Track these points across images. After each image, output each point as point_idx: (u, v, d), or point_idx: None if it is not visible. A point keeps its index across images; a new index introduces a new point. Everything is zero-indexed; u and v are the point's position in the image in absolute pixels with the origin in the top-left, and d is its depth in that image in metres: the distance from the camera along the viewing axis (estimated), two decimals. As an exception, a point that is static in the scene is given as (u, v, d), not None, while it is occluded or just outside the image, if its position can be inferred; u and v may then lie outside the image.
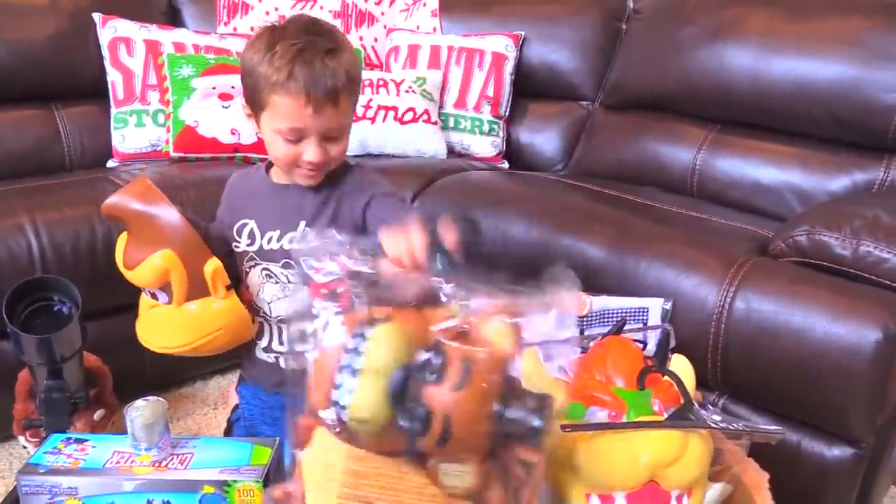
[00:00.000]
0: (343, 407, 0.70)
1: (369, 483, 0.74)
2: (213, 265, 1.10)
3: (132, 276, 1.11)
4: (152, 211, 1.10)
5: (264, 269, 1.17)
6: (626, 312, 1.18)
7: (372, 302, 0.76)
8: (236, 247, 1.18)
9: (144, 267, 1.09)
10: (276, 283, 1.17)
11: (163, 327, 1.14)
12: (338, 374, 0.70)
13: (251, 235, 1.17)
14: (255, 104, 1.09)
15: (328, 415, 0.72)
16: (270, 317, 1.19)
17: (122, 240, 1.14)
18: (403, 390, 0.70)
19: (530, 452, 0.76)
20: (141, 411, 1.01)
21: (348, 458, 0.74)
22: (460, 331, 0.75)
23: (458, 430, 0.70)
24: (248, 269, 1.18)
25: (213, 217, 1.25)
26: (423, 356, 0.71)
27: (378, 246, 0.94)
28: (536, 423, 0.72)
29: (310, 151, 1.07)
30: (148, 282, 1.11)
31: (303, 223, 1.14)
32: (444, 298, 0.81)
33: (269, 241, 1.16)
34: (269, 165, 1.20)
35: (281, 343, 1.20)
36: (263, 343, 1.21)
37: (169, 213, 1.09)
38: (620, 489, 0.85)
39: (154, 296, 1.13)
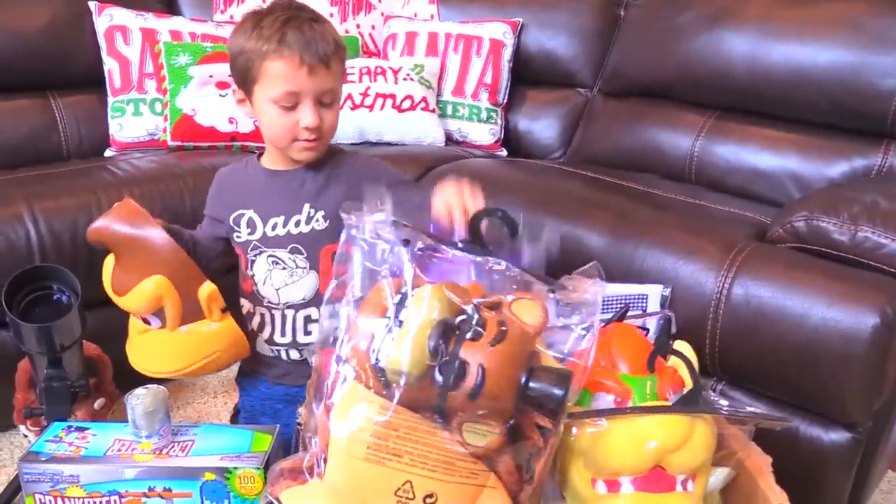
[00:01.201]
0: (381, 357, 0.74)
1: (398, 435, 0.76)
2: (207, 289, 1.08)
3: (123, 302, 1.09)
4: (141, 234, 1.07)
5: (270, 255, 1.16)
6: (625, 299, 1.18)
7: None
8: (237, 238, 1.18)
9: (136, 293, 1.06)
10: (284, 268, 1.16)
11: (157, 352, 1.12)
12: (378, 327, 0.75)
13: (251, 224, 1.16)
14: (248, 80, 1.10)
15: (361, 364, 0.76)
16: (279, 304, 1.18)
17: (108, 263, 1.11)
18: (442, 344, 0.74)
19: (548, 421, 0.81)
20: (141, 399, 1.02)
21: (380, 409, 0.76)
22: (493, 303, 0.80)
23: (491, 384, 0.75)
24: (253, 259, 1.17)
25: (199, 221, 1.25)
26: (462, 316, 0.76)
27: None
28: (557, 391, 0.77)
29: (307, 115, 1.08)
30: (140, 308, 1.09)
31: (307, 205, 1.15)
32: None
33: (274, 227, 1.16)
34: (260, 156, 1.21)
35: (283, 334, 1.19)
36: (265, 335, 1.20)
37: (158, 236, 1.07)
38: (626, 474, 0.86)
39: (146, 320, 1.11)
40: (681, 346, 0.99)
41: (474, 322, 0.76)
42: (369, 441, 0.75)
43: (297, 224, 1.15)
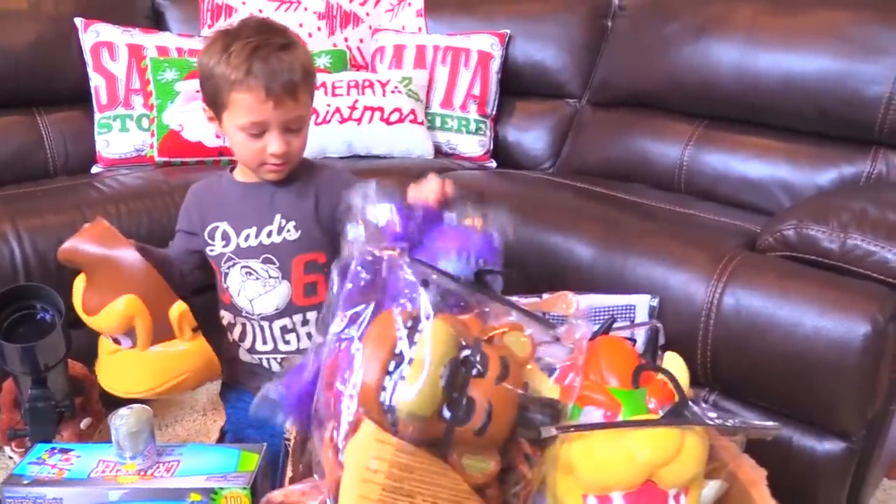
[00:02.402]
0: (393, 397, 0.73)
1: (413, 477, 0.75)
2: (178, 309, 1.08)
3: (94, 322, 1.08)
4: (112, 254, 1.06)
5: (244, 267, 1.17)
6: (613, 310, 1.17)
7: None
8: (211, 251, 1.19)
9: (106, 313, 1.06)
10: (257, 279, 1.17)
11: (127, 372, 1.11)
12: (391, 366, 0.74)
13: (225, 237, 1.17)
14: (217, 105, 1.12)
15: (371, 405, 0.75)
16: (253, 315, 1.18)
17: (78, 284, 1.10)
18: (452, 383, 0.74)
19: (534, 450, 0.82)
20: (125, 419, 1.00)
21: (398, 451, 0.75)
22: (488, 337, 0.82)
23: (497, 419, 0.76)
24: (226, 271, 1.18)
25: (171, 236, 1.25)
26: (465, 352, 0.77)
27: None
28: (550, 424, 0.80)
29: (273, 143, 1.11)
30: (111, 328, 1.08)
31: (278, 216, 1.16)
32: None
33: (247, 238, 1.17)
34: (232, 169, 1.23)
35: (265, 342, 1.20)
36: (247, 344, 1.21)
37: (129, 256, 1.06)
38: (617, 489, 0.84)
39: (116, 340, 1.11)
40: (671, 357, 0.98)
41: (477, 359, 0.77)
42: (385, 483, 0.74)
43: (269, 235, 1.16)
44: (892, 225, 1.18)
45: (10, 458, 1.33)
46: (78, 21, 1.92)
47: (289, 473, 0.92)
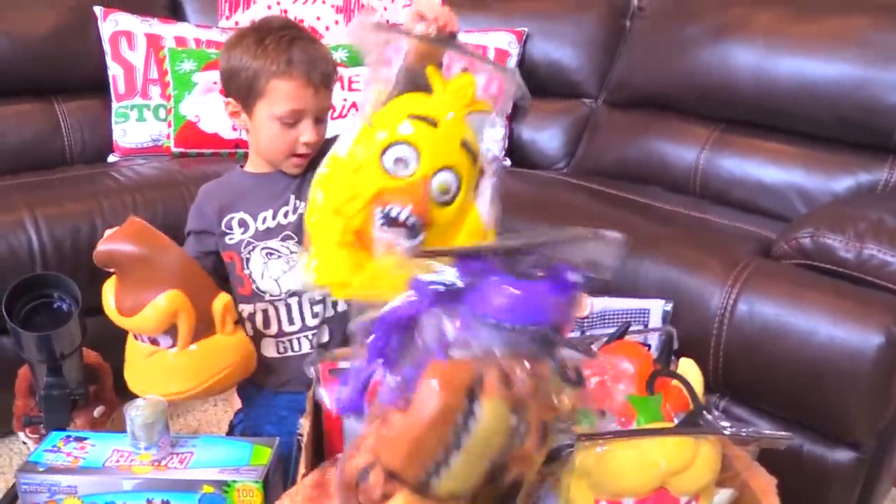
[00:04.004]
0: (437, 478, 0.68)
1: None
2: (222, 300, 1.07)
3: (132, 323, 1.06)
4: (151, 250, 1.05)
5: (264, 248, 1.19)
6: (626, 314, 1.17)
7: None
8: (230, 240, 1.20)
9: (148, 311, 1.04)
10: (279, 257, 1.19)
11: (167, 374, 1.09)
12: (440, 451, 0.67)
13: (242, 224, 1.19)
14: (250, 95, 1.14)
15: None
16: (281, 294, 1.19)
17: (109, 287, 1.09)
18: (498, 463, 0.70)
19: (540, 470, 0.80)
20: (141, 410, 1.01)
21: None
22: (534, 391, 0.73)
23: (524, 479, 0.74)
24: (247, 256, 1.19)
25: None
26: (512, 421, 0.70)
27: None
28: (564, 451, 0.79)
29: (307, 132, 1.13)
30: (152, 328, 1.06)
31: (292, 196, 1.19)
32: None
33: (264, 220, 1.19)
34: (242, 166, 1.26)
35: (291, 322, 1.20)
36: (272, 330, 1.21)
37: (171, 250, 1.05)
38: (630, 495, 0.85)
39: (154, 341, 1.09)
40: (686, 363, 0.98)
41: (521, 430, 0.70)
42: None
43: (286, 215, 1.19)
44: (908, 235, 1.18)
45: (25, 443, 1.35)
46: (97, 10, 1.93)
47: (301, 470, 0.92)
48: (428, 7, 1.03)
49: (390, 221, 0.89)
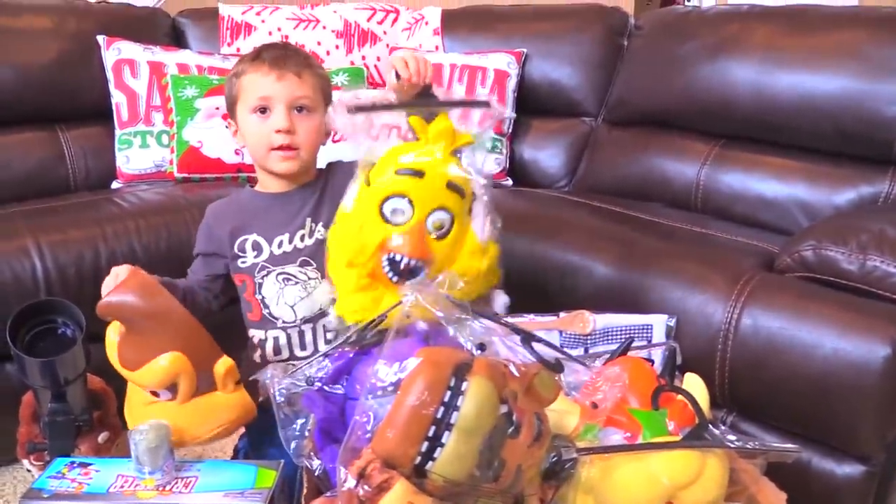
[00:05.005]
0: (431, 460, 0.71)
1: None
2: (224, 364, 1.07)
3: (134, 377, 1.06)
4: (155, 308, 1.04)
5: (280, 273, 1.18)
6: (630, 330, 1.17)
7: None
8: (242, 263, 1.19)
9: (150, 370, 1.04)
10: (297, 283, 1.18)
11: None
12: (431, 428, 0.71)
13: (256, 247, 1.18)
14: (234, 103, 1.19)
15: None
16: (296, 321, 1.18)
17: (112, 335, 1.09)
18: (489, 447, 0.73)
19: (549, 490, 0.82)
20: (145, 435, 1.00)
21: None
22: (524, 385, 0.78)
23: (525, 479, 0.76)
24: (260, 281, 1.18)
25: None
26: (502, 409, 0.74)
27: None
28: (569, 467, 0.80)
29: (278, 118, 1.15)
30: (153, 384, 1.06)
31: (308, 219, 1.18)
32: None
33: (280, 245, 1.18)
34: (252, 186, 1.27)
35: (304, 348, 1.19)
36: (283, 356, 1.20)
37: (176, 312, 1.04)
38: (636, 510, 0.84)
39: (155, 392, 1.09)
40: (691, 378, 0.97)
41: (513, 418, 0.75)
42: None
43: (303, 238, 1.18)
44: (912, 246, 1.18)
45: (29, 471, 1.34)
46: (100, 38, 1.95)
47: (304, 492, 0.92)
48: (401, 62, 1.08)
49: (395, 268, 0.99)
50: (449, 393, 0.72)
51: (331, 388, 0.92)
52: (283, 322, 1.18)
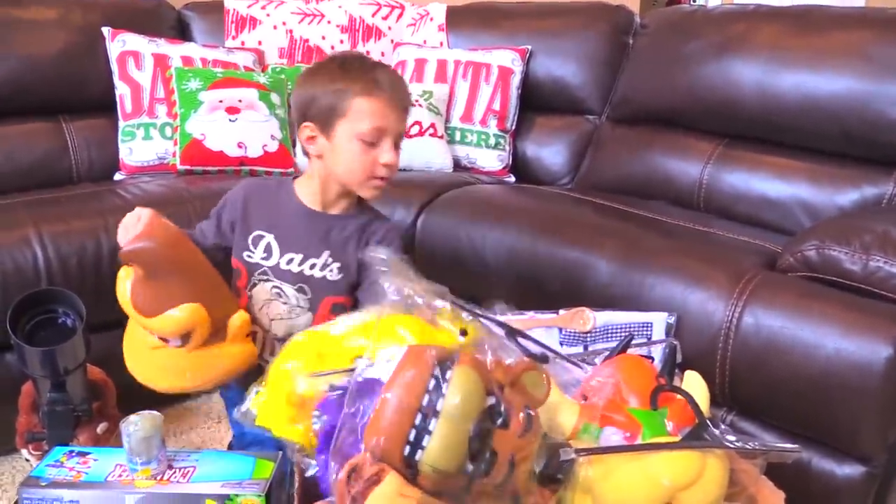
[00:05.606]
0: (419, 449, 0.72)
1: None
2: (240, 319, 1.07)
3: (148, 323, 1.06)
4: (178, 258, 1.04)
5: (275, 286, 1.17)
6: (630, 327, 1.16)
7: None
8: (248, 257, 1.18)
9: (167, 320, 1.04)
10: (285, 303, 1.18)
11: (170, 369, 1.10)
12: (418, 416, 0.72)
13: (268, 249, 1.18)
14: (332, 116, 1.12)
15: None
16: (269, 332, 1.19)
17: (126, 278, 1.07)
18: (478, 437, 0.73)
19: (547, 494, 0.82)
20: (138, 425, 1.00)
21: None
22: (511, 380, 0.79)
23: (518, 473, 0.76)
24: (256, 282, 1.18)
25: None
26: (490, 400, 0.75)
27: None
28: (565, 468, 0.80)
29: (387, 153, 1.13)
30: (168, 333, 1.06)
31: (327, 252, 1.17)
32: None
33: (290, 262, 1.17)
34: (293, 185, 1.22)
35: (272, 354, 1.19)
36: (257, 349, 1.20)
37: (198, 262, 1.04)
38: (635, 512, 0.84)
39: (164, 339, 1.09)
40: (691, 376, 0.97)
41: (502, 409, 0.75)
42: None
43: (313, 267, 1.17)
44: (915, 247, 1.17)
45: (27, 460, 1.34)
46: (105, 30, 1.96)
47: (296, 484, 0.92)
48: None
49: None
50: (433, 381, 0.73)
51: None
52: (259, 324, 1.19)
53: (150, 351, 1.11)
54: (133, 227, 1.07)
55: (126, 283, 1.08)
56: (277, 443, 0.98)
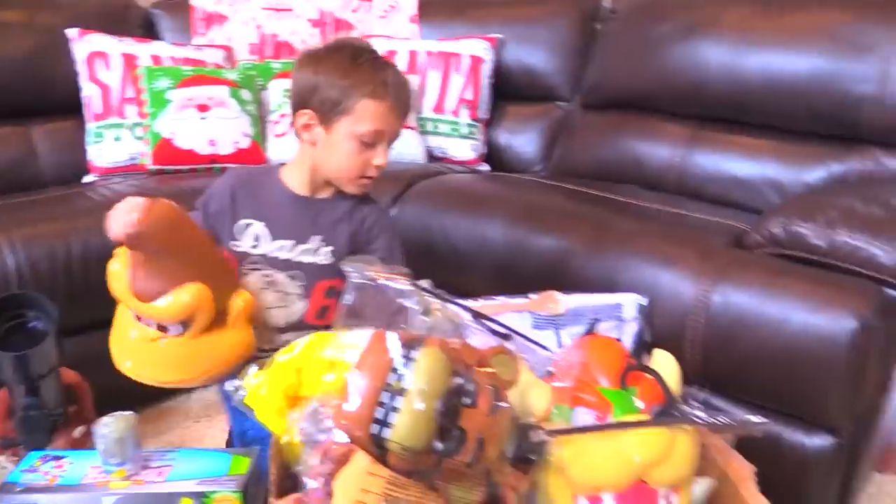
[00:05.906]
0: (387, 427, 0.72)
1: None
2: (243, 299, 1.04)
3: (149, 310, 1.01)
4: (181, 238, 1.00)
5: (265, 275, 1.16)
6: (600, 310, 1.17)
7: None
8: (235, 247, 1.16)
9: (170, 303, 0.99)
10: (277, 291, 1.16)
11: (170, 361, 1.05)
12: (384, 394, 0.73)
13: (256, 238, 1.16)
14: (335, 111, 1.10)
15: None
16: (263, 322, 1.16)
17: (123, 265, 1.03)
18: (445, 415, 0.73)
19: (521, 477, 0.82)
20: (110, 427, 0.99)
21: (389, 484, 0.73)
22: (479, 361, 0.80)
23: (487, 452, 0.76)
24: (245, 272, 1.16)
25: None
26: (457, 381, 0.75)
27: None
28: (539, 450, 0.81)
29: (381, 156, 1.13)
30: (170, 319, 1.02)
31: (318, 237, 1.16)
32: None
33: (281, 248, 1.16)
34: (280, 172, 1.20)
35: (269, 344, 1.16)
36: None
37: (205, 243, 1.01)
38: (608, 490, 0.85)
39: (162, 327, 1.04)
40: (661, 355, 0.98)
41: (470, 388, 0.75)
42: None
43: (304, 252, 1.16)
44: (879, 221, 1.19)
45: (4, 467, 1.33)
46: (72, 31, 1.93)
47: (272, 476, 0.92)
48: None
49: None
50: (401, 361, 0.74)
51: None
52: (254, 317, 1.16)
53: (148, 344, 1.06)
54: (127, 214, 1.01)
55: (125, 270, 1.03)
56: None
